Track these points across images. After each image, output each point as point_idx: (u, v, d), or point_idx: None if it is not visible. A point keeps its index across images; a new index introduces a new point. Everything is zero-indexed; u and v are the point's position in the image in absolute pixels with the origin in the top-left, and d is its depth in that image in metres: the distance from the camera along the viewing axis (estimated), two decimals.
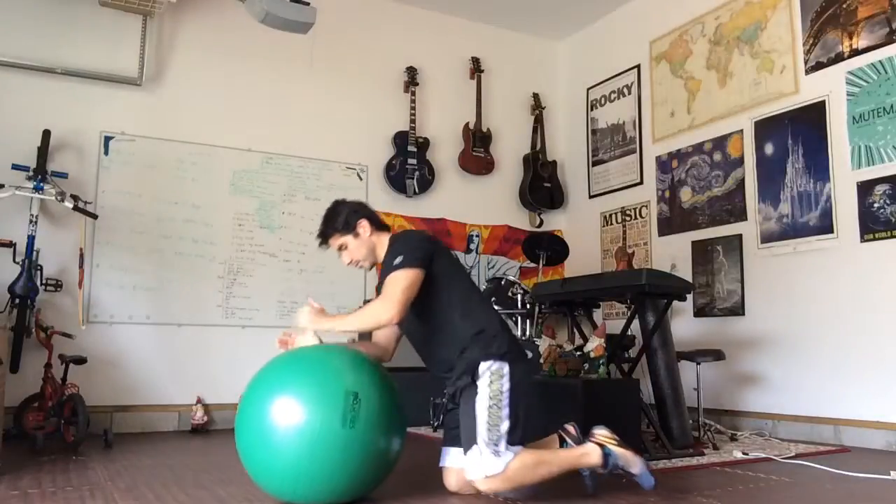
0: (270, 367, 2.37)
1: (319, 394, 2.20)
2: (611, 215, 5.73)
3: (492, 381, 2.35)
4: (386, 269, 2.49)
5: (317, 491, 2.21)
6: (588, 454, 2.43)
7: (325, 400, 2.19)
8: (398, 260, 2.41)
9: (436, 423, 4.44)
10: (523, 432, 2.36)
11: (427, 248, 2.47)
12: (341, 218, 2.63)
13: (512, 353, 2.44)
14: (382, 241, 2.63)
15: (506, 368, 2.38)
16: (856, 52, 4.07)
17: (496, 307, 4.58)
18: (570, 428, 2.64)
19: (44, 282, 4.15)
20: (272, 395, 2.22)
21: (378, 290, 2.57)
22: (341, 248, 2.65)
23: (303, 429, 2.15)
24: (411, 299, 2.39)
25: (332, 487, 2.23)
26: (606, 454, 2.43)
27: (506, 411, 2.31)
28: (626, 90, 5.70)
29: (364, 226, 2.62)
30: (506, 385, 2.34)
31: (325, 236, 2.67)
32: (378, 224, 2.67)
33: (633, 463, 2.45)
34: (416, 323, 2.55)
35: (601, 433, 2.51)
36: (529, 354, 3.86)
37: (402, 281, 2.37)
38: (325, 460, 2.17)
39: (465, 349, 2.44)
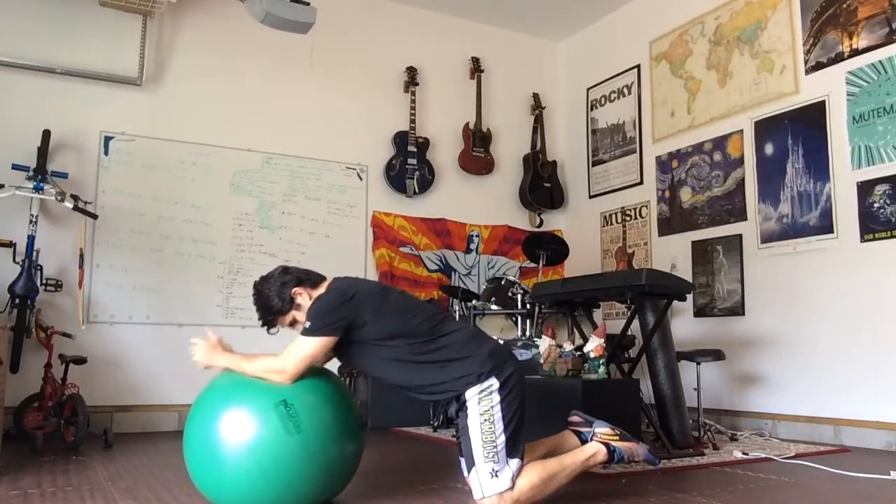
0: (202, 399, 2.36)
1: (254, 411, 2.18)
2: (611, 215, 5.73)
3: (480, 400, 2.28)
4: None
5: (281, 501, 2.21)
6: (595, 455, 2.45)
7: (261, 419, 2.16)
8: (307, 325, 2.31)
9: (436, 424, 4.44)
10: (523, 441, 2.33)
11: (341, 314, 2.31)
12: (274, 299, 2.44)
13: (495, 364, 2.32)
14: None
15: (494, 385, 2.29)
16: (856, 52, 4.07)
17: (495, 306, 4.59)
18: (576, 418, 2.64)
19: (44, 282, 4.15)
20: (212, 425, 2.22)
21: None
22: (292, 324, 2.49)
23: (254, 451, 2.15)
24: (308, 367, 2.31)
25: (296, 494, 2.23)
26: (612, 451, 2.48)
27: (500, 425, 2.26)
28: (626, 90, 5.70)
29: (300, 293, 2.44)
30: (496, 398, 2.27)
31: (270, 323, 2.49)
32: (311, 281, 2.48)
33: (636, 453, 2.53)
34: (389, 378, 2.44)
35: (603, 431, 2.54)
36: (527, 354, 3.86)
37: (304, 349, 2.27)
38: (291, 467, 2.17)
39: (447, 390, 2.36)
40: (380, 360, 2.39)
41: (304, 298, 2.44)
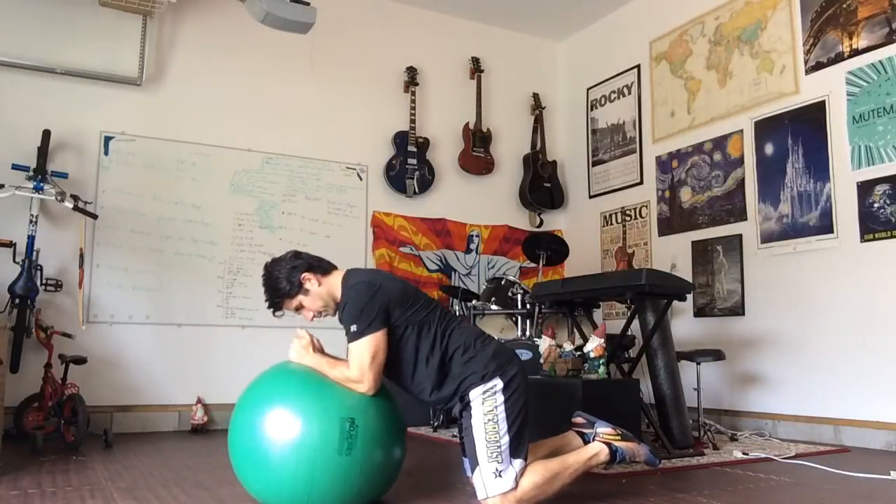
0: (266, 379, 2.34)
1: (316, 416, 2.17)
2: (611, 215, 5.73)
3: (485, 400, 2.30)
4: (344, 325, 2.37)
5: None
6: (597, 455, 2.46)
7: (322, 425, 2.16)
8: (354, 328, 2.31)
9: (436, 424, 4.44)
10: (526, 441, 2.33)
11: (377, 305, 2.32)
12: (283, 282, 2.45)
13: (499, 364, 2.35)
14: (335, 283, 2.47)
15: (498, 385, 2.31)
16: (856, 52, 4.07)
17: (495, 306, 4.59)
18: (579, 419, 2.65)
19: (44, 282, 4.15)
20: (268, 410, 2.20)
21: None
22: (298, 309, 2.51)
23: (299, 454, 2.14)
24: (383, 364, 2.32)
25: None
26: (614, 451, 2.48)
27: (503, 426, 2.27)
28: (625, 90, 5.70)
29: (309, 279, 2.46)
30: (500, 399, 2.29)
31: (276, 306, 2.50)
32: (322, 268, 2.50)
33: (638, 453, 2.54)
34: (395, 375, 2.46)
35: (605, 431, 2.55)
36: (527, 354, 3.86)
37: (363, 353, 2.28)
38: (322, 484, 2.16)
39: (450, 387, 2.38)
40: (396, 350, 2.38)
41: (314, 284, 2.46)
